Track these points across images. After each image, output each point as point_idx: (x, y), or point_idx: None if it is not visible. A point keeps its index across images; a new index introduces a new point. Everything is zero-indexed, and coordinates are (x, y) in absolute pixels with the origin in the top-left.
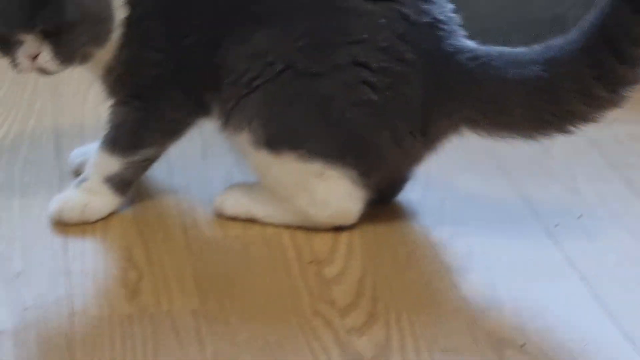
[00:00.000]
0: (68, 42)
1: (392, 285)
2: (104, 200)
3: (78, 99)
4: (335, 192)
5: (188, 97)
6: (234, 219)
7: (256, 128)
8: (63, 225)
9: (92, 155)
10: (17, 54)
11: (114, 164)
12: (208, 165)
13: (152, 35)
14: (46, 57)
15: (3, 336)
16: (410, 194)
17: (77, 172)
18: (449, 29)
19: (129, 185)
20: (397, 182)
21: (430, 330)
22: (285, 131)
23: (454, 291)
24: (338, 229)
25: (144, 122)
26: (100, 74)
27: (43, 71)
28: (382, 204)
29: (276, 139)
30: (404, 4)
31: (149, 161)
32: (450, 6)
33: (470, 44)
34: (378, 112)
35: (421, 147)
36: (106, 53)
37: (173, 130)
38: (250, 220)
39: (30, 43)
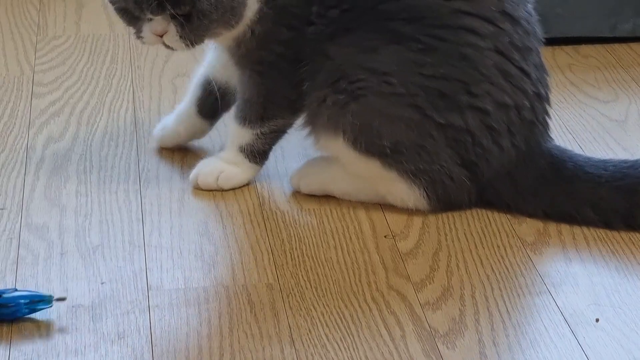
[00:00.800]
0: (197, 26)
1: (467, 259)
2: (239, 169)
3: (156, 72)
4: (410, 195)
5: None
6: (310, 195)
7: (349, 133)
8: (198, 190)
9: (229, 127)
10: (143, 27)
11: (245, 135)
12: (285, 139)
13: (287, 13)
14: (173, 37)
15: (81, 310)
16: None
17: (159, 146)
18: (543, 130)
19: (263, 155)
20: None
21: (504, 304)
22: (376, 141)
23: (528, 265)
24: None
25: (266, 97)
26: (228, 46)
27: (167, 47)
28: None
29: (365, 145)
30: (526, 94)
31: (279, 132)
32: (549, 108)
33: (556, 146)
34: (462, 163)
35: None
36: (236, 31)
37: (292, 107)
38: (326, 195)
39: (159, 21)
